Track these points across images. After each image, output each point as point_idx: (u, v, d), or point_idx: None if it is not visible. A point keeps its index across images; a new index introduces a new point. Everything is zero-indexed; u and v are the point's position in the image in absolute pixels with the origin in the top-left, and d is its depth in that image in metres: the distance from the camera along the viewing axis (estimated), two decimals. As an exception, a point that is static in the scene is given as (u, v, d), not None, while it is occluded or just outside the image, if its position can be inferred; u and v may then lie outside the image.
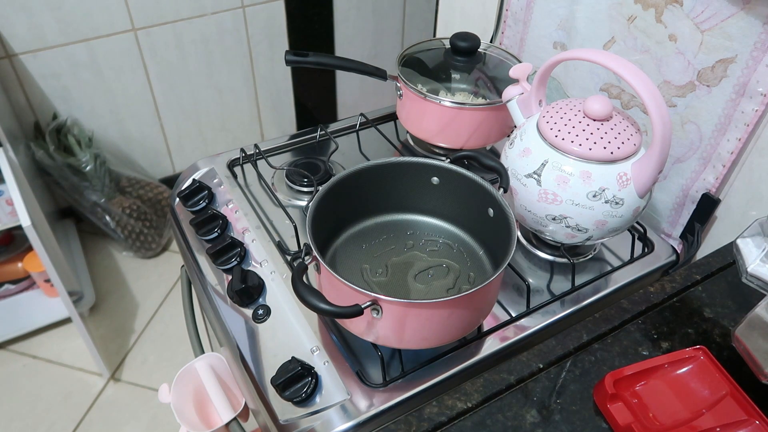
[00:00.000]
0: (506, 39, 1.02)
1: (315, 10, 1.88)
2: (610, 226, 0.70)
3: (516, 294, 0.75)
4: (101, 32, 1.62)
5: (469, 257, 0.74)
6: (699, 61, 0.72)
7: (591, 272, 0.79)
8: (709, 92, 0.73)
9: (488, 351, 0.68)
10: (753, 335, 0.54)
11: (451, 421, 0.56)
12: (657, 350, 0.62)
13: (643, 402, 0.56)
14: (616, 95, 0.85)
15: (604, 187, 0.67)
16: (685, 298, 0.68)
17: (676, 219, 0.84)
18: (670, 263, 0.81)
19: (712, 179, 0.77)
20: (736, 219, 0.78)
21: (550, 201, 0.69)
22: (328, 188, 0.68)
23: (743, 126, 0.71)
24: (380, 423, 0.62)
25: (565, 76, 0.92)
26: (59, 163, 1.63)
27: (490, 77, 0.94)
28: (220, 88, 1.91)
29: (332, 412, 0.62)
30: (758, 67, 0.67)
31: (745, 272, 0.56)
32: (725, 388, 0.56)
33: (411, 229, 0.77)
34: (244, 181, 0.91)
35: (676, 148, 0.80)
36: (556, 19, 0.90)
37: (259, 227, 0.83)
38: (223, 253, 0.78)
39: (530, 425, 0.56)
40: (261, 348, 0.69)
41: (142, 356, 1.61)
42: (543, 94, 0.75)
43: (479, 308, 0.64)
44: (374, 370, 0.66)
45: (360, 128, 1.00)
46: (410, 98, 0.89)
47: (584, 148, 0.67)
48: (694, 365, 0.58)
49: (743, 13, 0.66)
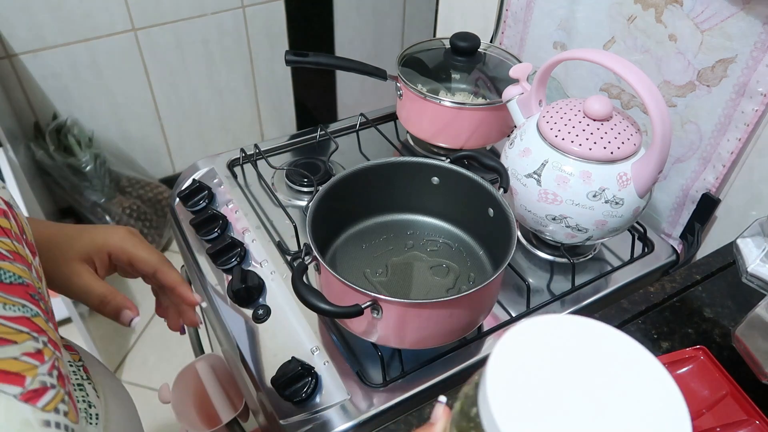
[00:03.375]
0: (506, 39, 1.02)
1: (315, 10, 1.88)
2: (610, 226, 0.70)
3: (516, 294, 0.75)
4: (101, 32, 1.62)
5: (469, 257, 0.74)
6: (699, 61, 0.72)
7: (591, 272, 0.79)
8: (709, 92, 0.73)
9: (488, 351, 0.68)
10: (753, 335, 0.54)
11: (451, 421, 0.56)
12: (657, 350, 0.62)
13: (643, 402, 0.56)
14: (616, 95, 0.85)
15: (604, 187, 0.67)
16: (685, 298, 0.68)
17: (676, 219, 0.84)
18: (670, 263, 0.81)
19: (712, 179, 0.77)
20: (736, 219, 0.78)
21: (550, 201, 0.69)
22: (328, 188, 0.68)
23: (743, 126, 0.71)
24: (380, 423, 0.62)
25: (565, 76, 0.92)
26: (59, 163, 1.63)
27: (490, 77, 0.93)
28: (220, 88, 1.91)
29: (332, 412, 0.62)
30: (758, 67, 0.67)
31: (745, 272, 0.56)
32: (725, 388, 0.56)
33: (411, 229, 0.77)
34: (244, 181, 0.91)
35: (676, 148, 0.79)
36: (556, 19, 0.90)
37: (259, 227, 0.83)
38: (223, 253, 0.78)
39: (530, 425, 0.56)
40: (261, 348, 0.69)
41: (142, 356, 1.61)
42: (543, 94, 0.75)
43: (479, 308, 0.64)
44: (374, 370, 0.66)
45: (360, 128, 1.00)
46: (410, 98, 0.89)
47: (584, 148, 0.67)
48: (694, 365, 0.58)
49: (743, 13, 0.66)
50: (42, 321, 0.36)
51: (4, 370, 0.30)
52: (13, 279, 0.34)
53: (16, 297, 0.34)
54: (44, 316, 0.37)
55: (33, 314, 0.35)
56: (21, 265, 0.36)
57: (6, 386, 0.30)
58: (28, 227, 0.42)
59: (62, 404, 0.34)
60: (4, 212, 0.38)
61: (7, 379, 0.30)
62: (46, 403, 0.32)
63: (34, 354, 0.33)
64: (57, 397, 0.33)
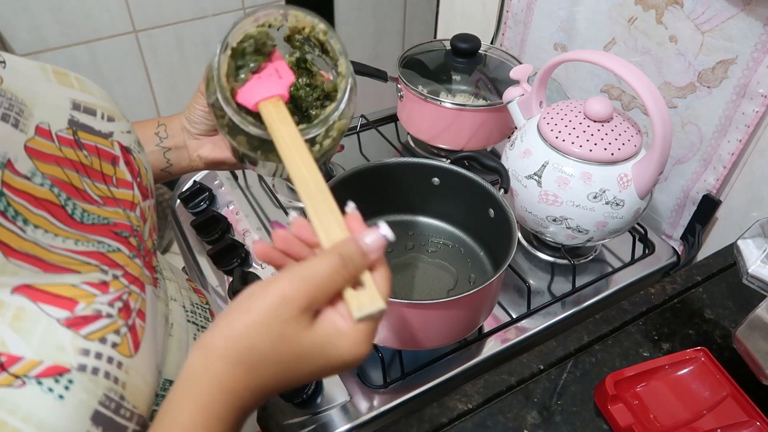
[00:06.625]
0: (507, 40, 1.02)
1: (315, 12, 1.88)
2: (610, 228, 0.70)
3: (517, 295, 0.75)
4: (102, 34, 1.63)
5: (469, 258, 0.74)
6: (699, 62, 0.72)
7: (592, 273, 0.79)
8: (709, 93, 0.73)
9: (489, 352, 0.68)
10: (754, 336, 0.54)
11: (451, 422, 0.56)
12: (658, 351, 0.62)
13: (643, 403, 0.56)
14: (617, 96, 0.85)
15: (605, 189, 0.67)
16: (686, 299, 0.68)
17: (676, 220, 0.84)
18: (671, 264, 0.81)
19: (713, 180, 0.77)
20: (737, 220, 0.78)
21: (551, 202, 0.69)
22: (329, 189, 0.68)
23: (744, 127, 0.71)
24: (381, 424, 0.62)
25: (565, 77, 0.92)
26: (60, 164, 1.63)
27: (490, 78, 0.94)
28: (220, 89, 1.91)
29: (333, 413, 0.62)
30: (759, 68, 0.67)
31: (745, 273, 0.56)
32: (726, 389, 0.56)
33: (412, 230, 0.77)
34: (245, 183, 0.91)
35: (676, 150, 0.79)
36: (557, 21, 0.90)
37: (260, 229, 0.83)
38: (224, 255, 0.78)
39: (531, 426, 0.56)
40: (262, 349, 0.69)
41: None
42: (543, 95, 0.75)
43: (480, 309, 0.64)
44: (375, 372, 0.66)
45: (360, 129, 1.00)
46: (411, 99, 0.89)
47: (585, 149, 0.67)
48: (694, 366, 0.58)
49: (743, 14, 0.66)
50: (123, 257, 0.37)
51: (56, 294, 0.31)
52: (96, 220, 0.36)
53: (94, 235, 0.36)
54: (129, 252, 0.38)
55: (110, 250, 0.36)
56: (112, 207, 0.38)
57: (53, 309, 0.31)
58: (148, 172, 0.44)
59: (114, 335, 0.34)
60: (114, 159, 0.40)
61: (56, 303, 0.31)
62: (93, 331, 0.32)
63: (96, 284, 0.34)
64: (109, 328, 0.34)
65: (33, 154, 0.34)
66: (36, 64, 0.40)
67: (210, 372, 0.33)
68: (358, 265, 0.35)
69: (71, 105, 0.38)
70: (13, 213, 0.31)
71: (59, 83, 0.39)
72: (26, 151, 0.33)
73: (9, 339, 0.29)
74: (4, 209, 0.31)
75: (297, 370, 0.34)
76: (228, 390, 0.33)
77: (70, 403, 0.30)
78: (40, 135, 0.35)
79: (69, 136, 0.37)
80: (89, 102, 0.40)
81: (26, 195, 0.32)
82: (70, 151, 0.36)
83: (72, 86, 0.40)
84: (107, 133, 0.40)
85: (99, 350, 0.32)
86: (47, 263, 0.32)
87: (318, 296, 0.33)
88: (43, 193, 0.33)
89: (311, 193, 0.40)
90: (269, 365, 0.33)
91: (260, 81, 0.45)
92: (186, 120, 0.57)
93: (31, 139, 0.34)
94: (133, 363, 0.35)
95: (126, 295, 0.36)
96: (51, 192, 0.34)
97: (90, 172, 0.38)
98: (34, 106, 0.35)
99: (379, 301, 0.34)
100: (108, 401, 0.32)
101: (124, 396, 0.33)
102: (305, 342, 0.33)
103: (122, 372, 0.33)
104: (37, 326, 0.30)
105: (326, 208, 0.39)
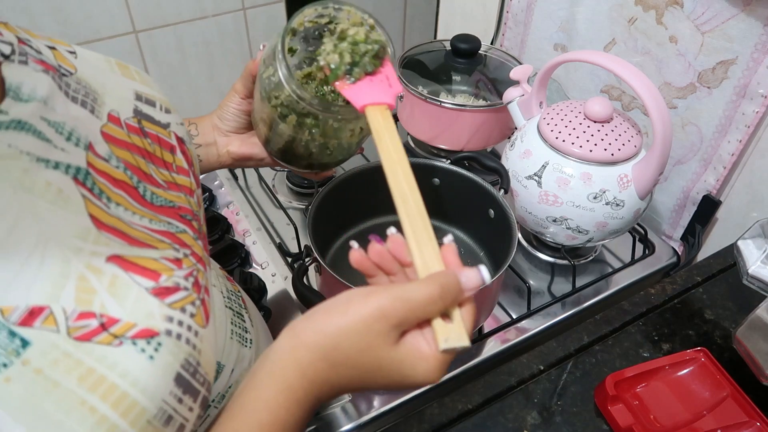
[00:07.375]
0: (507, 41, 1.02)
1: (316, 12, 1.88)
2: (610, 228, 0.70)
3: (517, 296, 0.75)
4: (102, 34, 1.63)
5: (469, 258, 0.74)
6: (699, 62, 0.72)
7: (592, 274, 0.79)
8: (709, 94, 0.73)
9: (489, 353, 0.68)
10: (754, 337, 0.54)
11: (452, 422, 0.56)
12: (658, 352, 0.62)
13: (643, 403, 0.56)
14: (617, 97, 0.85)
15: (605, 189, 0.67)
16: (686, 300, 0.68)
17: (676, 221, 0.84)
18: (671, 265, 0.81)
19: (713, 181, 0.77)
20: (737, 220, 0.78)
21: (551, 203, 0.69)
22: (329, 190, 0.68)
23: (744, 127, 0.71)
24: (381, 424, 0.62)
25: (565, 77, 0.92)
26: (60, 164, 1.63)
27: (490, 79, 0.94)
28: (221, 90, 1.90)
29: (334, 413, 0.62)
30: (759, 69, 0.67)
31: (745, 274, 0.56)
32: (726, 389, 0.56)
33: (412, 231, 0.77)
34: (245, 183, 0.91)
35: (676, 150, 0.79)
36: (557, 21, 0.90)
37: (260, 229, 0.83)
38: (225, 255, 0.78)
39: (531, 427, 0.56)
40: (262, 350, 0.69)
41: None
42: (543, 95, 0.75)
43: (480, 310, 0.64)
44: (375, 372, 0.66)
45: (361, 130, 1.00)
46: (411, 100, 0.89)
47: (585, 149, 0.67)
48: (694, 367, 0.58)
49: (744, 15, 0.66)
50: (189, 237, 0.40)
51: (142, 266, 0.34)
52: (163, 203, 0.39)
53: (164, 216, 0.38)
54: (193, 234, 0.41)
55: (179, 231, 0.39)
56: (175, 192, 0.41)
57: (142, 279, 0.34)
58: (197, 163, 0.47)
59: (191, 306, 0.36)
60: (172, 148, 0.42)
61: (144, 273, 0.34)
62: (175, 301, 0.35)
63: (172, 260, 0.36)
64: (187, 299, 0.36)
65: (108, 139, 0.36)
66: (100, 56, 0.42)
67: (295, 359, 0.35)
68: (453, 299, 0.36)
69: (134, 96, 0.41)
70: (98, 191, 0.34)
71: (122, 75, 0.42)
72: (102, 135, 0.36)
73: (108, 302, 0.32)
74: (91, 187, 0.34)
75: (373, 379, 0.37)
76: (309, 379, 0.36)
77: (159, 364, 0.32)
78: (112, 122, 0.37)
79: (135, 125, 0.40)
80: (149, 94, 0.43)
81: (106, 175, 0.35)
82: (137, 138, 0.39)
83: (133, 78, 0.42)
84: (165, 124, 0.43)
85: (180, 318, 0.35)
86: (131, 237, 0.35)
87: (410, 318, 0.35)
88: (119, 175, 0.36)
89: (411, 213, 0.41)
90: (350, 368, 0.36)
91: (372, 84, 0.47)
92: (218, 118, 0.61)
93: (105, 125, 0.37)
94: (205, 333, 0.37)
95: (196, 272, 0.38)
96: (125, 174, 0.37)
97: (154, 158, 0.40)
98: (104, 94, 0.38)
99: (465, 339, 0.35)
100: (188, 365, 0.34)
101: (200, 362, 0.36)
102: (388, 356, 0.35)
103: (198, 340, 0.36)
104: (129, 293, 0.33)
105: (426, 235, 0.39)
